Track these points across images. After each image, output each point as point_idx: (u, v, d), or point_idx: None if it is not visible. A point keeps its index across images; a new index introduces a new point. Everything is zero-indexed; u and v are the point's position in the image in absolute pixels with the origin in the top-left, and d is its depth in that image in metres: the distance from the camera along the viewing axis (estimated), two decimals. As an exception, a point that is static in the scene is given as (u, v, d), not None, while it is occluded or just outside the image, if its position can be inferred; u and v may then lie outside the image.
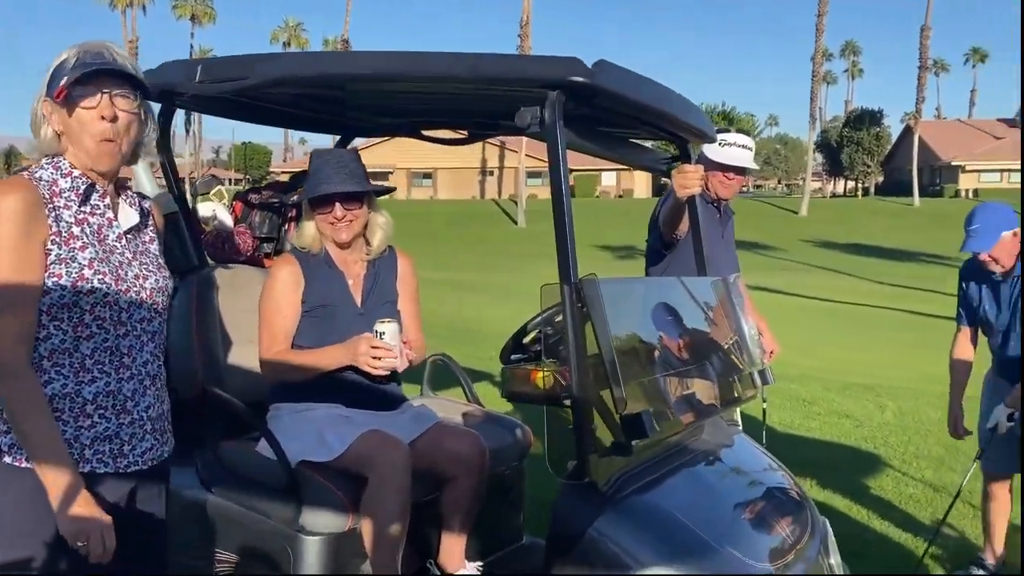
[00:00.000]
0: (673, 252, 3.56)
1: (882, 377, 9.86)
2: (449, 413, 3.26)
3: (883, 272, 29.49)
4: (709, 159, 3.77)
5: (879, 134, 65.93)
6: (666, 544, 2.01)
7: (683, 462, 2.35)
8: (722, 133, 3.80)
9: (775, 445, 6.46)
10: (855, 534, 4.68)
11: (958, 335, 4.15)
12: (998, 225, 3.72)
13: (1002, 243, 3.70)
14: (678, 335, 2.47)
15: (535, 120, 2.05)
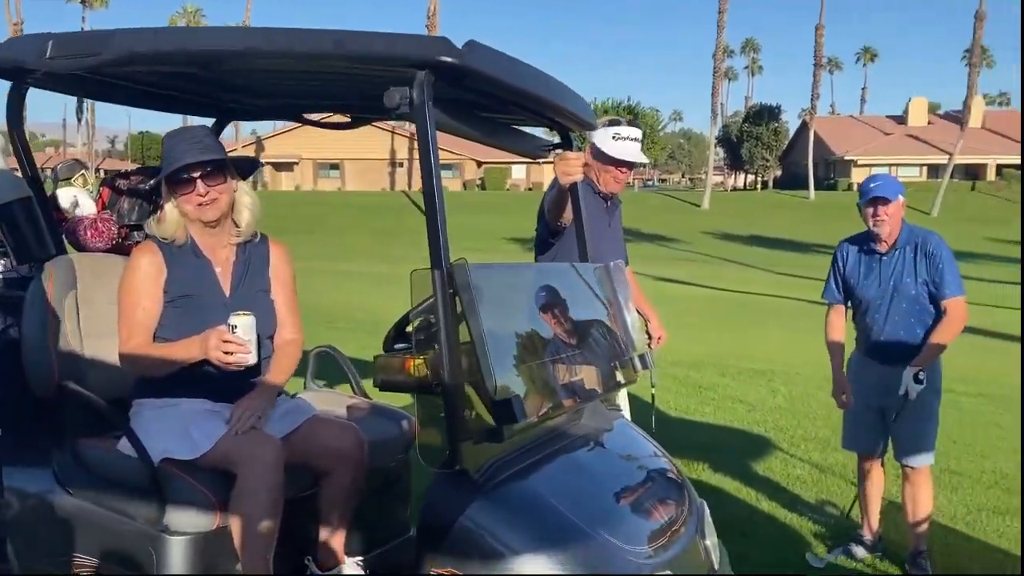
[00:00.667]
0: (560, 240, 3.56)
1: (776, 363, 10.20)
2: (333, 406, 3.17)
3: (779, 262, 30.57)
4: (604, 153, 3.77)
5: (777, 129, 68.24)
6: (539, 530, 1.99)
7: (560, 448, 2.34)
8: (615, 127, 3.80)
9: (670, 430, 6.63)
10: (744, 515, 4.81)
11: (832, 313, 4.29)
12: (895, 186, 3.98)
13: (897, 203, 3.93)
14: (555, 321, 2.46)
15: (404, 101, 2.00)
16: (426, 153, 2.00)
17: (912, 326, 3.96)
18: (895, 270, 3.99)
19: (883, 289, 4.02)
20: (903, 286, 3.96)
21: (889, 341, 4.00)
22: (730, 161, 77.83)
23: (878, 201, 3.92)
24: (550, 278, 2.65)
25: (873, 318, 4.07)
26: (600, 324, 2.72)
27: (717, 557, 2.47)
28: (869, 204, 3.97)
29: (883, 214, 3.92)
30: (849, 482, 5.44)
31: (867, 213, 3.99)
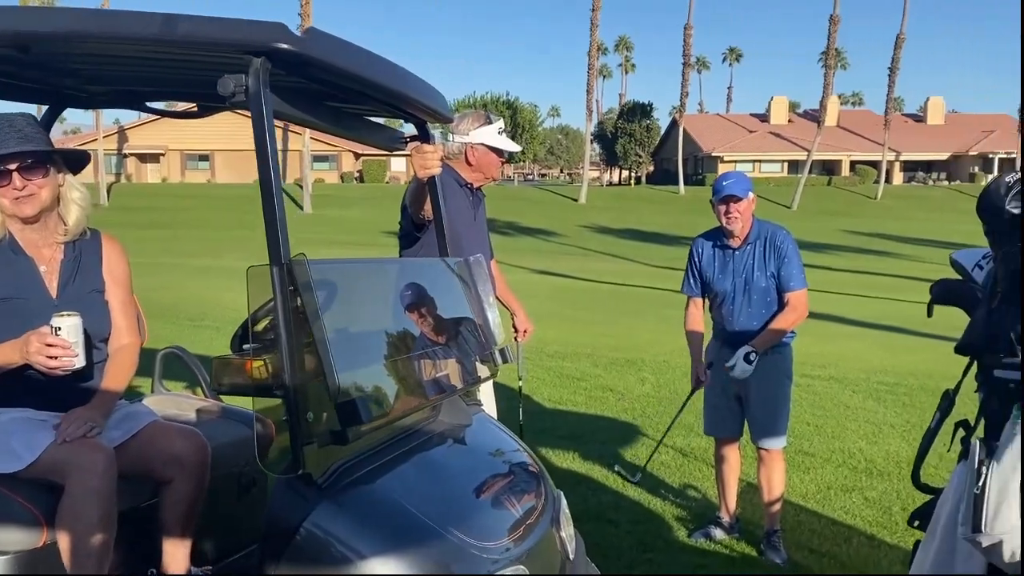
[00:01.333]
0: (426, 233, 3.52)
1: (645, 352, 10.48)
2: (181, 410, 3.03)
3: (652, 255, 31.52)
4: (498, 149, 3.85)
5: (649, 126, 70.35)
6: (386, 532, 1.95)
7: (413, 446, 2.30)
8: (494, 123, 3.86)
9: (542, 421, 6.71)
10: (611, 502, 4.92)
11: (690, 305, 4.47)
12: (746, 184, 4.16)
13: (748, 200, 4.10)
14: (408, 317, 2.42)
15: (239, 89, 1.91)
16: (262, 144, 1.91)
17: (763, 316, 4.16)
18: (747, 264, 4.17)
19: (736, 282, 4.20)
20: (754, 279, 4.15)
21: (743, 330, 4.18)
22: (606, 157, 79.66)
23: (730, 199, 4.09)
24: (401, 273, 2.60)
25: (728, 309, 4.25)
26: (458, 319, 2.70)
27: (572, 547, 2.50)
28: (721, 202, 4.13)
29: (735, 211, 4.09)
30: (710, 465, 5.66)
31: (720, 210, 4.15)
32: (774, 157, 64.97)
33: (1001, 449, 1.58)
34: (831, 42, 55.75)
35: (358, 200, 44.89)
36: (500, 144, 3.86)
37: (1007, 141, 61.53)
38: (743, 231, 4.15)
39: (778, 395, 4.21)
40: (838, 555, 4.23)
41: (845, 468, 5.69)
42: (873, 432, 6.71)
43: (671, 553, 4.17)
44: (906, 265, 26.13)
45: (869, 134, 64.44)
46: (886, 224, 43.53)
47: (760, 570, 4.05)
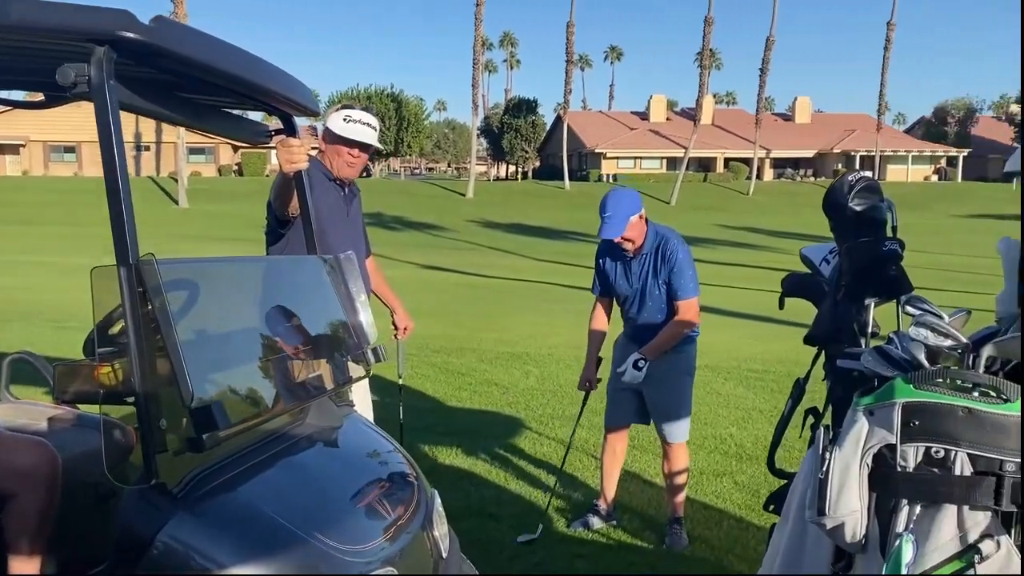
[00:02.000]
0: (291, 230, 3.41)
1: (530, 346, 10.59)
2: (33, 419, 2.84)
3: (539, 250, 31.90)
4: (333, 134, 3.67)
5: (535, 122, 71.13)
6: (247, 540, 1.88)
7: (278, 451, 2.23)
8: (347, 110, 3.72)
9: (426, 418, 6.67)
10: (493, 496, 4.94)
11: (595, 304, 4.60)
12: (626, 211, 4.19)
13: (631, 226, 4.18)
14: (271, 317, 2.34)
15: (81, 79, 1.80)
16: (107, 138, 1.81)
17: (660, 319, 4.30)
18: (643, 271, 4.31)
19: (634, 288, 4.35)
20: (649, 286, 4.30)
21: (642, 329, 4.33)
22: (492, 152, 79.98)
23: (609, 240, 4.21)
24: (263, 272, 2.51)
25: (629, 310, 4.42)
26: (327, 318, 2.64)
27: (446, 546, 2.49)
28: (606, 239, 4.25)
29: (623, 243, 4.22)
30: (591, 455, 5.77)
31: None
32: (654, 154, 66.91)
33: (842, 436, 1.67)
34: (706, 43, 57.83)
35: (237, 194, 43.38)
36: (345, 132, 3.67)
37: (867, 140, 65.46)
38: (635, 246, 4.27)
39: (678, 391, 4.35)
40: (709, 538, 4.39)
41: (717, 453, 5.91)
42: (743, 418, 7.00)
43: (551, 545, 4.22)
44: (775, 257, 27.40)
45: (742, 132, 67.22)
46: (757, 219, 45.58)
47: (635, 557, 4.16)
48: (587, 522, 4.48)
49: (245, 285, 2.37)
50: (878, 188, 2.11)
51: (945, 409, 1.56)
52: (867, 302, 2.04)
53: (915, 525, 1.58)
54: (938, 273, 19.83)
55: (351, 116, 3.71)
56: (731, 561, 4.14)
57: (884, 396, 1.63)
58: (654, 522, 4.60)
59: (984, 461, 1.55)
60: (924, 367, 1.63)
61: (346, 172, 3.75)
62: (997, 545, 1.52)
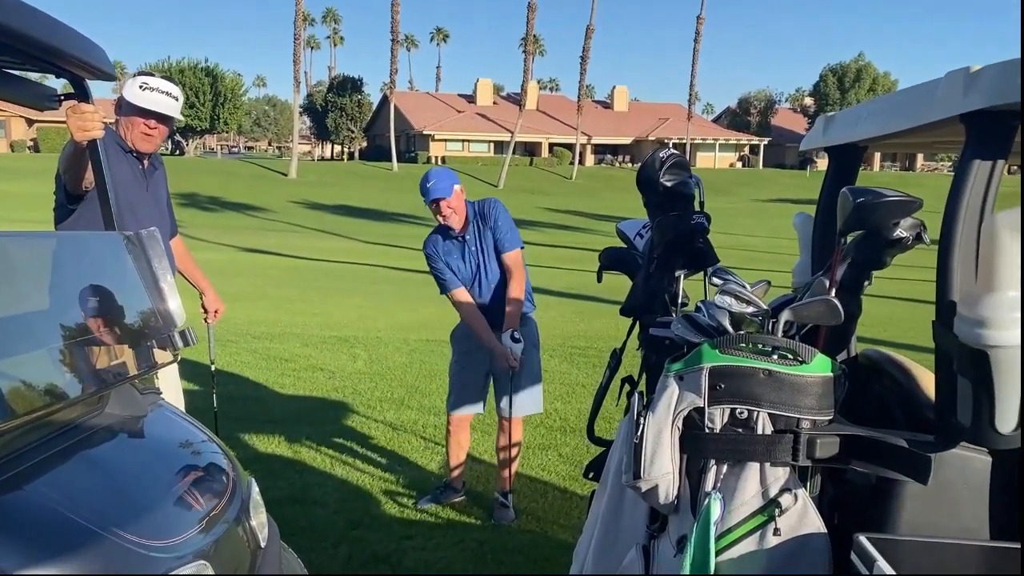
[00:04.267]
0: (83, 206, 3.13)
1: (359, 329, 10.41)
2: None
3: (366, 231, 31.45)
4: (128, 103, 3.40)
5: (361, 101, 69.81)
6: (36, 541, 1.70)
7: (72, 444, 2.04)
8: (144, 76, 3.45)
9: (247, 406, 6.40)
10: (317, 482, 4.81)
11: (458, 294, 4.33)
12: (450, 178, 4.23)
13: (455, 194, 4.19)
14: (64, 299, 2.13)
15: None
16: None
17: (503, 294, 4.31)
18: (477, 248, 4.30)
19: (472, 267, 4.32)
20: (485, 255, 4.30)
21: (488, 308, 4.30)
22: (316, 131, 77.80)
23: (439, 199, 4.16)
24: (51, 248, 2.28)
25: (476, 291, 4.35)
26: (128, 299, 2.44)
27: (265, 535, 2.38)
28: (432, 203, 4.20)
29: (446, 208, 4.18)
30: (420, 436, 5.75)
31: (434, 211, 4.23)
32: (481, 137, 67.56)
33: (655, 401, 1.74)
34: (530, 28, 58.95)
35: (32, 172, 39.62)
36: (141, 101, 3.41)
37: (679, 128, 69.21)
38: (461, 221, 4.25)
39: (529, 365, 4.39)
40: (534, 510, 4.49)
41: (543, 428, 6.06)
42: (567, 392, 7.22)
43: (377, 528, 4.17)
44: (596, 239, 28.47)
45: (565, 118, 69.20)
46: (579, 202, 47.19)
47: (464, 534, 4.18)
48: (440, 498, 4.51)
49: (33, 263, 2.14)
50: (686, 164, 2.20)
51: (748, 371, 1.66)
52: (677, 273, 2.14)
53: (722, 484, 1.67)
54: (742, 253, 21.33)
55: (148, 84, 3.44)
56: (555, 531, 4.25)
57: (692, 361, 1.71)
58: (481, 498, 4.65)
59: (783, 420, 1.66)
60: (729, 333, 1.72)
61: (143, 145, 3.48)
62: (795, 498, 1.64)
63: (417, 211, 39.05)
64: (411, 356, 8.64)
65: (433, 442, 5.65)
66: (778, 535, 1.59)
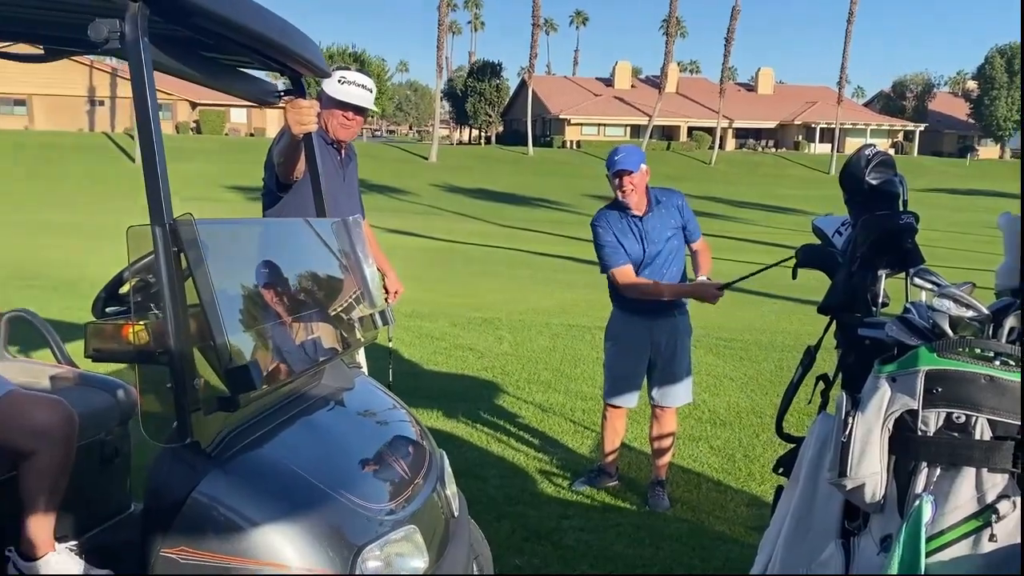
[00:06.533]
0: (290, 194, 3.40)
1: (501, 311, 10.65)
2: (35, 377, 2.83)
3: (503, 215, 31.90)
4: (328, 96, 3.65)
5: (499, 86, 70.52)
6: (277, 497, 1.92)
7: (300, 411, 2.26)
8: (343, 71, 3.69)
9: (405, 381, 6.70)
10: (476, 458, 5.01)
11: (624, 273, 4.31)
12: (639, 155, 4.29)
13: (642, 172, 4.25)
14: (291, 279, 2.36)
15: (114, 35, 1.77)
16: (142, 96, 1.79)
17: (675, 276, 4.37)
18: (653, 229, 4.31)
19: (644, 249, 4.32)
20: (665, 242, 4.32)
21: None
22: (456, 115, 79.27)
23: (623, 173, 4.20)
24: (286, 234, 2.52)
25: (644, 276, 4.33)
26: (340, 281, 2.65)
27: (456, 505, 2.54)
28: (615, 176, 4.24)
29: (628, 184, 4.21)
30: (569, 420, 5.87)
31: (614, 184, 4.27)
32: (618, 121, 66.90)
33: (864, 401, 1.75)
34: (672, 10, 57.75)
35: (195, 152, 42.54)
36: (340, 95, 3.66)
37: (827, 112, 66.17)
38: (641, 202, 4.29)
39: (683, 354, 4.46)
40: (690, 500, 4.52)
41: (691, 419, 6.05)
42: (715, 384, 7.16)
43: (536, 505, 4.31)
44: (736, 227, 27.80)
45: (705, 101, 67.51)
46: (719, 188, 45.99)
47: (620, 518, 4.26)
48: (594, 481, 4.60)
49: (272, 246, 2.37)
50: (892, 163, 2.18)
51: (968, 376, 1.65)
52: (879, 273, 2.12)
53: (934, 487, 1.67)
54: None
55: (345, 78, 3.69)
56: (711, 522, 4.27)
57: (907, 364, 1.71)
58: (635, 484, 4.71)
59: (1003, 426, 1.64)
60: (948, 336, 1.71)
61: (342, 134, 3.75)
62: (1013, 505, 1.62)
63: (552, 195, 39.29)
64: (554, 340, 8.77)
65: (582, 426, 5.76)
66: (994, 541, 1.58)
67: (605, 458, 4.67)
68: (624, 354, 4.50)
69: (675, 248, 4.37)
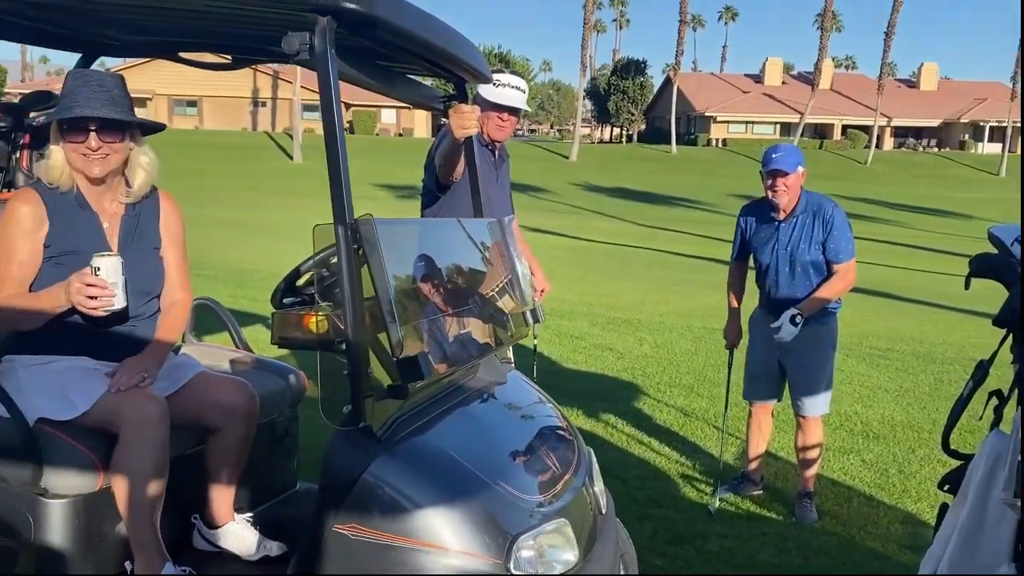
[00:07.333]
0: (447, 194, 3.54)
1: (641, 312, 10.59)
2: (216, 361, 3.08)
3: (644, 215, 31.58)
4: (484, 99, 3.77)
5: (643, 84, 69.76)
6: (441, 483, 2.03)
7: (458, 401, 2.37)
8: (497, 74, 3.80)
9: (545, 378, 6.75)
10: (616, 459, 5.03)
11: (733, 269, 4.56)
12: (797, 156, 4.18)
13: (797, 175, 4.13)
14: (454, 276, 2.47)
15: (304, 47, 1.92)
16: (328, 104, 1.93)
17: (806, 288, 4.21)
18: (792, 237, 4.20)
19: (780, 254, 4.24)
20: (799, 252, 4.18)
21: (787, 299, 4.21)
22: (597, 114, 79.05)
23: (777, 173, 4.10)
24: (450, 234, 2.64)
25: (772, 280, 4.30)
26: (496, 280, 2.75)
27: (604, 503, 2.59)
28: (769, 175, 4.15)
29: (781, 185, 4.11)
30: (712, 425, 5.78)
31: (766, 183, 4.18)
32: (767, 119, 64.77)
33: (1044, 419, 1.66)
34: (828, 4, 55.30)
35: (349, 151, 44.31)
36: (496, 97, 3.77)
37: (999, 109, 61.59)
38: (789, 204, 4.17)
39: (821, 363, 4.30)
40: (839, 514, 4.37)
41: (842, 431, 5.83)
42: (868, 396, 6.87)
43: (679, 509, 4.29)
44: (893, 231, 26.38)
45: (861, 98, 64.27)
46: (875, 189, 43.70)
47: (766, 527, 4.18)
48: (738, 488, 4.53)
49: (437, 245, 2.50)
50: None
51: None
52: (1065, 286, 2.00)
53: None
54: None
55: (501, 80, 3.81)
56: (862, 537, 4.12)
57: (1096, 382, 1.61)
58: (781, 494, 4.60)
59: None
60: None
61: (497, 135, 3.88)
62: None
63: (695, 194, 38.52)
64: (697, 343, 8.64)
65: (727, 433, 5.66)
66: None
67: (749, 464, 4.59)
68: (756, 350, 4.45)
69: (807, 263, 4.18)
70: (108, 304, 2.25)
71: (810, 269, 4.19)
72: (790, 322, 4.04)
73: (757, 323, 4.47)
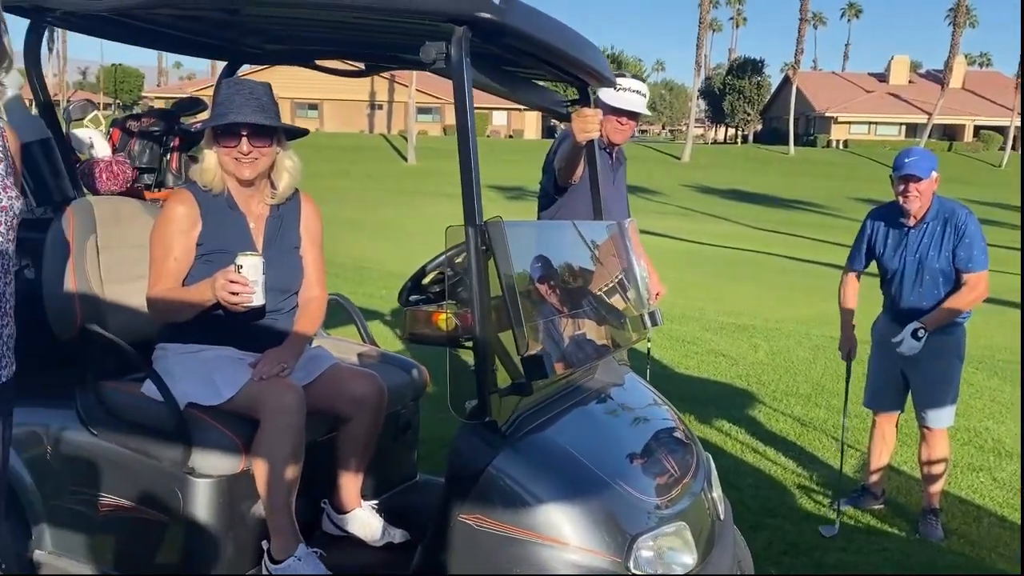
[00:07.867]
0: (565, 196, 3.59)
1: (755, 318, 10.35)
2: (345, 354, 3.22)
3: (759, 218, 30.74)
4: (604, 103, 3.79)
5: (760, 83, 67.98)
6: (561, 479, 2.07)
7: (578, 400, 2.41)
8: (617, 78, 3.82)
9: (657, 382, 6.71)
10: (730, 467, 4.95)
11: (848, 276, 4.42)
12: (931, 161, 4.04)
13: (931, 180, 3.98)
14: (576, 278, 2.52)
15: (440, 56, 2.00)
16: (463, 111, 2.01)
17: (934, 297, 4.05)
18: (922, 243, 4.06)
19: (909, 262, 4.09)
20: (928, 260, 4.03)
21: (912, 309, 4.08)
22: (711, 114, 77.55)
23: (910, 178, 3.96)
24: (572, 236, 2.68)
25: (899, 288, 4.16)
26: (616, 282, 2.78)
27: (722, 509, 2.57)
28: (901, 180, 4.01)
29: (914, 191, 3.97)
30: (831, 437, 5.61)
31: (897, 188, 4.04)
32: (891, 119, 61.90)
33: None
34: (962, -2, 52.45)
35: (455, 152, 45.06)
36: (615, 102, 3.78)
37: None
38: (920, 211, 4.03)
39: (946, 374, 4.14)
40: (967, 534, 4.18)
41: (971, 447, 5.56)
42: (1000, 411, 6.51)
43: (795, 520, 4.19)
44: (1030, 239, 24.69)
45: (997, 97, 60.57)
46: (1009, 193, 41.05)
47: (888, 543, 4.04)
48: (858, 502, 4.42)
49: (560, 246, 2.56)
50: None
51: None
52: None
53: None
54: None
55: (622, 84, 3.82)
56: (993, 559, 3.93)
57: None
58: (903, 510, 4.43)
59: None
60: None
61: (616, 137, 3.91)
62: None
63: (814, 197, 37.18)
64: (815, 352, 8.38)
65: (846, 444, 5.48)
66: None
67: (871, 476, 4.44)
68: (879, 358, 4.31)
69: (936, 271, 4.01)
70: (248, 301, 2.39)
71: (939, 278, 4.03)
72: (912, 336, 3.90)
73: (880, 331, 4.32)
